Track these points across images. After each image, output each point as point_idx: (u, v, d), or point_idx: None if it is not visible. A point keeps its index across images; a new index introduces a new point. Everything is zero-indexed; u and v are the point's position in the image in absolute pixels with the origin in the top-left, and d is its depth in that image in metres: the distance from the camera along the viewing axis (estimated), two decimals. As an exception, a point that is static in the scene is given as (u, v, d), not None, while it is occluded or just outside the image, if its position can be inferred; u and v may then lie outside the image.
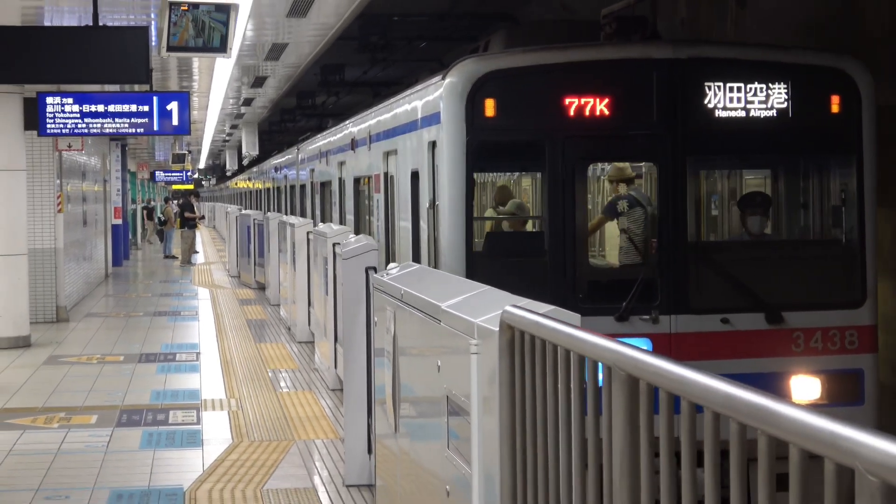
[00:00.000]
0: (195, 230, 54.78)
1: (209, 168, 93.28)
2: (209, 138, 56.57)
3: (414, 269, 9.15)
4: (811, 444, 2.86)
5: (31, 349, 23.24)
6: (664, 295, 12.00)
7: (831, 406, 11.65)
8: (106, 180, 42.74)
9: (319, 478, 12.97)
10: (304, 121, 43.24)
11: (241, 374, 20.12)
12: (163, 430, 15.51)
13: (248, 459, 13.78)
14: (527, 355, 4.77)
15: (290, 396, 17.92)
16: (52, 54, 14.23)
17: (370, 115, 19.20)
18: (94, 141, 34.19)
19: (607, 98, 11.96)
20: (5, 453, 14.10)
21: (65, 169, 29.81)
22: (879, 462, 2.55)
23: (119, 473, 13.26)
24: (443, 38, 25.32)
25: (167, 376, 20.06)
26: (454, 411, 6.03)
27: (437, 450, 6.48)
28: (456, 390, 5.95)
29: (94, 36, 13.99)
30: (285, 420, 16.09)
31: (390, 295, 8.15)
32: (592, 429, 4.21)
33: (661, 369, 3.59)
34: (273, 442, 14.71)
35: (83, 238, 34.58)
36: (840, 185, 12.84)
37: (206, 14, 12.84)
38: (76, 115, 20.41)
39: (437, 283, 7.49)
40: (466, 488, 5.70)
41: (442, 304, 6.32)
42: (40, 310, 26.50)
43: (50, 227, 27.34)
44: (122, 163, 48.79)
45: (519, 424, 4.89)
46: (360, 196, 21.45)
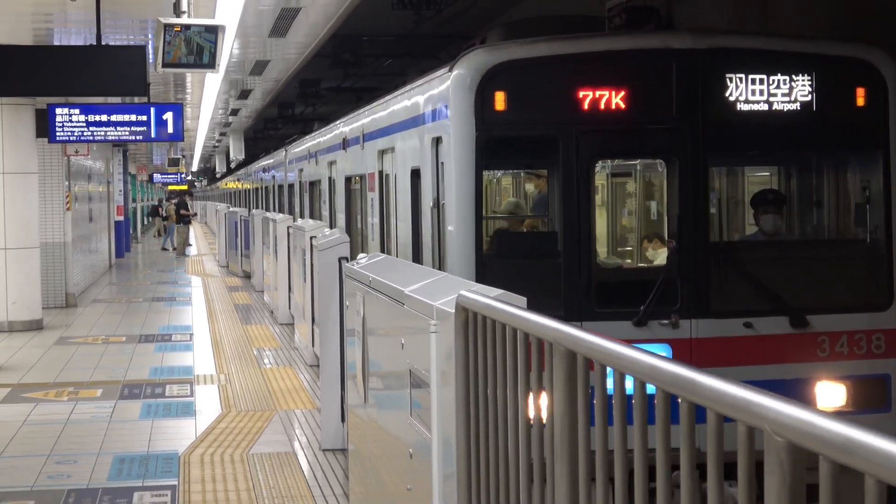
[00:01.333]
0: (189, 226, 54.83)
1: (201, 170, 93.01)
2: (201, 144, 56.44)
3: (381, 258, 9.14)
4: (726, 408, 2.88)
5: (43, 331, 23.18)
6: (684, 298, 10.16)
7: (857, 414, 9.92)
8: (109, 182, 42.53)
9: (299, 443, 12.96)
10: (285, 128, 43.18)
11: (230, 353, 20.09)
12: (160, 402, 15.49)
13: (236, 427, 13.76)
14: (479, 334, 4.77)
15: (273, 372, 17.90)
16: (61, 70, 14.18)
17: (363, 115, 16.99)
18: (98, 147, 34.02)
19: (624, 90, 10.13)
20: (21, 423, 14.08)
21: (72, 172, 29.71)
22: (784, 424, 2.58)
23: (121, 440, 13.23)
24: (407, 56, 25.28)
25: (164, 354, 20.02)
26: (416, 384, 6.02)
27: (401, 417, 6.48)
28: (417, 365, 5.95)
29: (97, 54, 13.94)
30: (268, 392, 16.08)
31: (360, 282, 8.14)
32: (536, 399, 4.21)
33: (593, 344, 3.61)
34: (258, 412, 14.70)
35: (89, 233, 34.46)
36: (866, 183, 10.87)
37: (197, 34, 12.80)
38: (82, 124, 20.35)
39: (400, 271, 7.48)
40: (427, 451, 5.71)
41: (405, 289, 6.32)
42: (51, 296, 26.43)
43: (59, 224, 27.28)
44: (123, 166, 48.68)
45: (472, 395, 4.90)
46: (351, 195, 19.14)
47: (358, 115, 17.59)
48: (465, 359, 4.96)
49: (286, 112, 39.62)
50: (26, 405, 15.26)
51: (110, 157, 41.98)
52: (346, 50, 25.72)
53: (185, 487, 11.07)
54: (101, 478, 11.53)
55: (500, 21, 18.69)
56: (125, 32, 16.92)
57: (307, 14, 16.70)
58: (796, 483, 2.62)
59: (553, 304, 9.61)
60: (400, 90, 13.87)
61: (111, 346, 21.10)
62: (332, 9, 16.24)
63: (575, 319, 9.30)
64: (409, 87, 13.10)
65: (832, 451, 2.40)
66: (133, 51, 14.14)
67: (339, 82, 29.48)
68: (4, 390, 16.06)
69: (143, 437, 13.39)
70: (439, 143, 10.92)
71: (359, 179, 17.73)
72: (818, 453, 2.47)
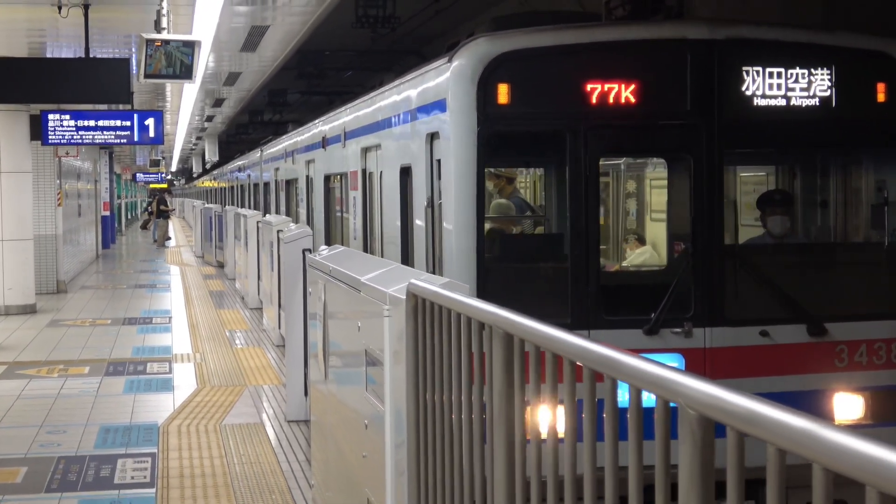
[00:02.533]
0: (168, 220, 54.71)
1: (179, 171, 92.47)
2: (179, 146, 56.15)
3: (340, 250, 9.11)
4: (644, 384, 2.89)
5: (36, 315, 23.06)
6: (698, 305, 8.49)
7: (877, 426, 8.51)
8: (97, 180, 42.37)
9: (266, 415, 12.95)
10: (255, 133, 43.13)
11: (205, 334, 20.04)
12: (142, 379, 15.45)
13: (210, 401, 13.74)
14: (427, 318, 4.78)
15: (244, 351, 17.87)
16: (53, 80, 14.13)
17: (345, 112, 15.07)
18: (86, 149, 33.89)
19: (635, 83, 8.46)
20: (15, 397, 14.02)
21: (63, 171, 29.68)
22: (696, 399, 2.59)
23: (106, 412, 13.19)
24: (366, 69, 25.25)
25: (145, 335, 19.98)
26: (371, 362, 6.02)
27: (358, 392, 6.48)
28: (372, 345, 5.95)
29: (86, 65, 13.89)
30: (239, 370, 16.05)
31: (321, 271, 8.13)
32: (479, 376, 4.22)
33: (527, 327, 3.62)
34: (229, 387, 14.68)
35: (78, 226, 34.34)
36: (885, 183, 9.26)
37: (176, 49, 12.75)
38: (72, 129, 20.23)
39: (357, 262, 7.47)
40: (380, 422, 5.71)
41: (361, 277, 6.32)
42: (44, 283, 26.31)
43: (51, 218, 27.25)
44: (109, 166, 48.46)
45: (421, 372, 4.91)
46: (331, 193, 17.13)
47: (339, 114, 15.78)
48: (415, 340, 4.97)
49: (256, 118, 39.69)
50: (21, 381, 15.20)
51: (97, 158, 41.80)
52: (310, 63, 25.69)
53: (164, 455, 11.04)
54: (88, 446, 11.49)
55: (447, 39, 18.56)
56: (111, 46, 16.83)
57: (275, 31, 16.65)
58: (706, 450, 2.64)
59: (559, 308, 8.36)
60: (387, 86, 12.07)
61: (98, 328, 21.03)
62: (296, 27, 16.20)
63: (583, 328, 8.08)
64: (398, 83, 11.29)
65: (737, 421, 2.42)
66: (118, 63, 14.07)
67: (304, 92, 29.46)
68: (1, 368, 15.97)
69: (126, 409, 13.35)
70: (434, 138, 9.28)
71: (339, 178, 16.01)
72: (725, 424, 2.48)
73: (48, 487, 9.99)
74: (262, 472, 10.37)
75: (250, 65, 21.50)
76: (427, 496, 4.87)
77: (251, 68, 22.24)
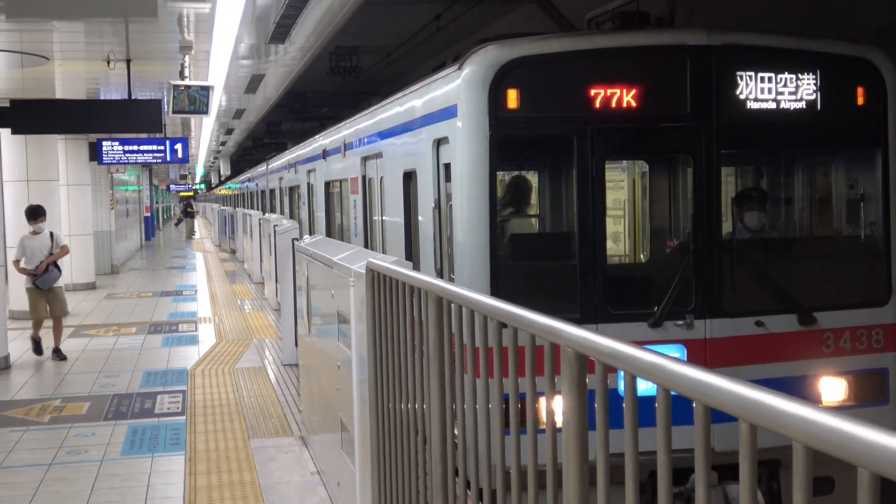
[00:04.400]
0: (194, 219, 54.61)
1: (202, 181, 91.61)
2: (201, 164, 55.65)
3: (318, 239, 9.06)
4: (534, 331, 2.84)
5: (96, 290, 22.92)
6: (699, 298, 7.06)
7: (858, 407, 7.28)
8: (140, 189, 42.09)
9: (267, 360, 12.90)
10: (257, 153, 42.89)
11: (221, 302, 19.94)
12: (175, 335, 15.37)
13: (225, 351, 13.68)
14: (381, 287, 4.76)
15: (251, 314, 17.79)
16: (105, 116, 13.98)
17: (344, 127, 13.23)
18: (131, 166, 33.71)
19: (640, 87, 6.97)
20: (81, 351, 13.92)
21: (114, 183, 29.55)
22: (574, 340, 2.58)
23: (149, 361, 13.13)
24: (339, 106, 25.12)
25: (177, 304, 19.90)
26: (342, 320, 6.00)
27: (333, 342, 6.46)
28: (342, 308, 5.93)
29: (129, 105, 13.74)
30: (247, 328, 15.98)
31: (305, 254, 8.10)
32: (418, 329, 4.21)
33: (451, 292, 3.61)
34: (240, 341, 14.61)
35: (126, 224, 34.26)
36: (864, 180, 7.83)
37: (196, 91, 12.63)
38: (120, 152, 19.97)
39: (330, 247, 7.43)
40: (349, 364, 5.70)
41: (334, 258, 6.30)
42: (101, 266, 26.16)
43: (106, 218, 27.24)
44: (149, 179, 48.24)
45: (377, 327, 4.89)
46: (330, 197, 15.09)
47: (339, 128, 13.91)
48: (373, 303, 4.95)
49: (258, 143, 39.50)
50: (85, 339, 15.09)
51: (140, 173, 41.51)
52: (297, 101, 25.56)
53: (192, 391, 10.99)
54: (135, 386, 11.43)
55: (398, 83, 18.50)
56: (147, 90, 16.65)
57: (269, 78, 16.53)
58: (580, 382, 2.59)
59: (568, 304, 6.97)
60: (387, 100, 10.22)
61: (142, 299, 20.90)
62: (286, 75, 16.08)
63: (591, 322, 6.80)
64: (399, 95, 9.48)
65: (602, 356, 2.41)
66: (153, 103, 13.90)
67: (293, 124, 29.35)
68: (70, 329, 15.81)
69: (163, 358, 13.28)
70: (441, 144, 7.66)
71: (338, 184, 14.01)
72: (595, 359, 2.45)
73: (105, 417, 9.91)
74: (265, 402, 10.32)
75: (252, 103, 21.33)
76: (381, 417, 4.87)
77: (253, 106, 22.07)
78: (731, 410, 1.77)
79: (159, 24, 10.88)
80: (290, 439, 8.76)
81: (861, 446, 1.35)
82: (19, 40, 11.87)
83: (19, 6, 9.90)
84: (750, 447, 1.77)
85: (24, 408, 10.43)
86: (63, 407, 10.42)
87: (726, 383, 1.79)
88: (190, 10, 10.22)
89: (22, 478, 7.82)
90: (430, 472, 3.97)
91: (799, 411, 1.53)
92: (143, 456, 8.39)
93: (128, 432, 9.23)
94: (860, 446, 1.36)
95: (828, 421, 1.45)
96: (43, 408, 10.40)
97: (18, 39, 11.83)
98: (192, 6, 10.03)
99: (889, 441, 1.30)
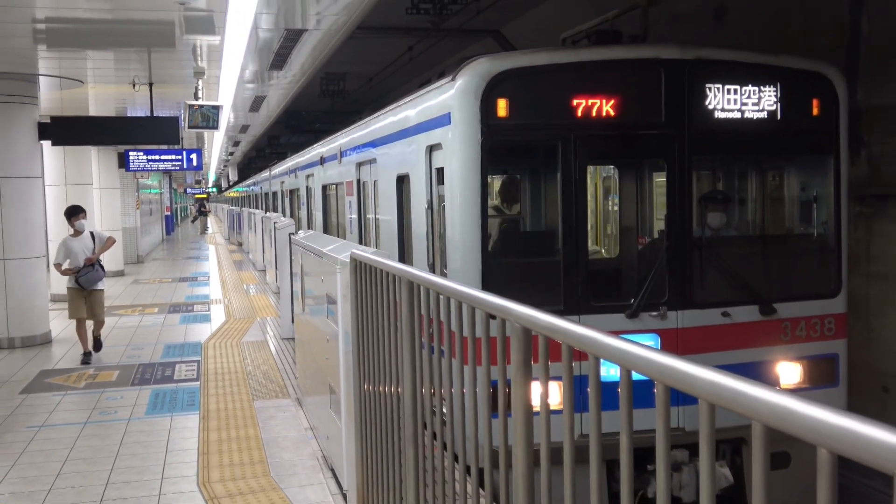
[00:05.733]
0: (207, 217, 54.19)
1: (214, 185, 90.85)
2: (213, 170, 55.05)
3: (311, 233, 9.00)
4: (489, 309, 2.78)
5: (124, 276, 22.73)
6: (671, 291, 6.65)
7: (811, 389, 6.96)
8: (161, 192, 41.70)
9: (268, 335, 12.84)
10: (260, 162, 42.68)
11: (230, 286, 19.81)
12: (191, 314, 15.26)
13: (234, 328, 13.60)
14: (363, 274, 4.76)
15: (255, 297, 17.70)
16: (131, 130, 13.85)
17: (339, 137, 12.66)
18: (154, 173, 33.39)
19: (619, 97, 6.56)
20: (111, 328, 13.77)
21: (140, 186, 29.26)
22: (520, 317, 2.51)
23: (169, 335, 13.02)
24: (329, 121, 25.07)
25: (193, 288, 19.74)
26: (330, 301, 5.98)
27: (323, 319, 6.44)
28: (331, 292, 5.91)
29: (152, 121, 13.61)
30: (252, 308, 15.90)
31: (300, 246, 8.06)
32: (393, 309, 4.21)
33: (420, 277, 3.60)
34: (246, 319, 14.53)
35: (150, 221, 34.04)
36: (820, 183, 7.37)
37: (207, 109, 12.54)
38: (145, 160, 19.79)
39: (320, 240, 7.39)
40: (336, 338, 5.68)
41: (323, 249, 6.28)
42: (129, 256, 25.95)
43: (133, 216, 27.02)
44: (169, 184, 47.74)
45: (360, 307, 4.88)
46: (327, 199, 14.45)
47: (334, 138, 13.34)
48: (356, 287, 4.94)
49: (261, 153, 39.32)
50: (115, 318, 14.94)
51: (161, 178, 41.14)
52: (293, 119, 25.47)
53: (206, 361, 10.92)
54: (157, 357, 11.34)
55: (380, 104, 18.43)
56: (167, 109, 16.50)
57: (269, 99, 16.42)
58: (526, 352, 2.54)
59: (552, 298, 6.53)
60: (379, 112, 9.63)
61: (163, 284, 20.72)
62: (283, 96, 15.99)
63: (573, 313, 6.40)
64: (392, 107, 8.88)
65: (542, 329, 2.37)
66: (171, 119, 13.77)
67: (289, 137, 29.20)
68: (102, 310, 15.67)
69: (181, 333, 13.19)
70: (434, 150, 7.16)
71: (334, 187, 13.34)
72: (536, 333, 2.39)
73: (132, 382, 9.83)
74: (266, 370, 10.29)
75: (255, 120, 21.18)
76: (363, 381, 4.88)
77: (256, 122, 21.92)
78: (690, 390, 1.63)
79: (177, 53, 10.79)
80: (287, 401, 8.75)
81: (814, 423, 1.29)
82: (58, 66, 11.75)
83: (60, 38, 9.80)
84: (709, 425, 1.64)
85: (63, 375, 10.33)
86: (96, 375, 10.33)
87: (687, 366, 1.65)
88: (203, 41, 10.15)
89: (62, 434, 7.76)
90: (403, 427, 3.98)
91: (756, 393, 1.43)
92: (164, 415, 8.34)
93: (151, 396, 9.17)
94: (811, 422, 1.29)
95: (779, 401, 1.38)
96: (79, 376, 10.31)
97: (58, 66, 11.71)
98: (204, 38, 9.96)
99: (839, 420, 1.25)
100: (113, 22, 8.99)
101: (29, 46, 10.28)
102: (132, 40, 9.96)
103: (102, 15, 8.71)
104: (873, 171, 8.72)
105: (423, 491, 3.73)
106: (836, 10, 9.02)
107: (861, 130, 8.71)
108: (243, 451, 7.06)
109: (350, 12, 8.57)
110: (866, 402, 8.77)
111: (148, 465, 6.76)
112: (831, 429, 1.24)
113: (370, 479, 4.79)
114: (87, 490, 6.18)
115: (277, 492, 6.04)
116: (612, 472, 6.32)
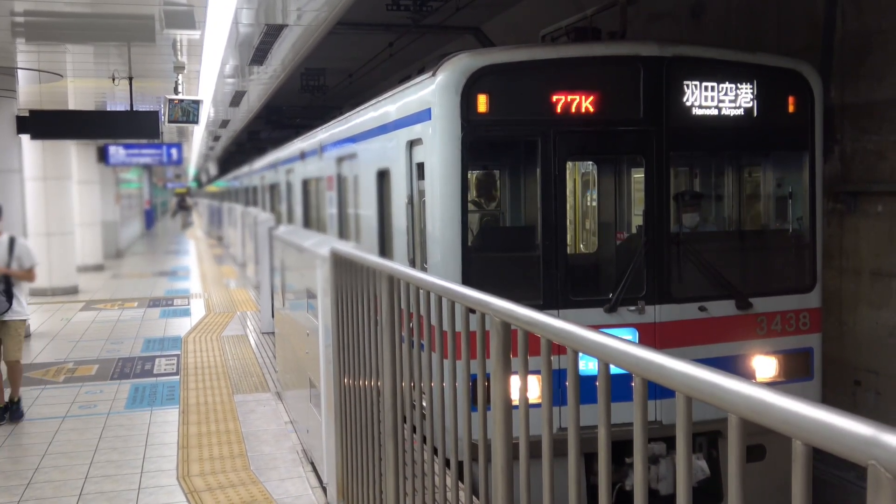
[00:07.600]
0: (191, 211, 54.10)
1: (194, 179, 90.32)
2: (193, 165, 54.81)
3: (290, 228, 8.99)
4: (456, 298, 2.76)
5: (103, 271, 22.56)
6: (649, 286, 6.64)
7: (786, 383, 6.92)
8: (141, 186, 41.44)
9: (249, 329, 12.80)
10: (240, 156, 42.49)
11: (210, 280, 19.72)
12: (171, 308, 15.17)
13: (213, 322, 13.54)
14: (342, 268, 4.75)
15: (235, 291, 17.62)
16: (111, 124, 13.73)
17: (320, 132, 12.43)
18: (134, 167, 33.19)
19: (598, 94, 6.50)
20: (90, 322, 13.68)
21: (120, 180, 29.04)
22: (497, 310, 2.51)
23: (148, 330, 12.94)
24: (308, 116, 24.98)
25: (173, 282, 19.62)
26: (310, 295, 5.97)
27: (303, 314, 6.43)
28: (311, 285, 5.89)
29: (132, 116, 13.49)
30: (232, 302, 15.83)
31: (280, 241, 8.04)
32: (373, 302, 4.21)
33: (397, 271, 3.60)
34: (226, 313, 14.46)
35: (130, 215, 33.86)
36: (796, 180, 7.32)
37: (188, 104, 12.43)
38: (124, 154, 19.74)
39: (300, 235, 7.38)
40: (316, 332, 5.67)
41: (303, 243, 6.26)
42: (108, 251, 25.75)
43: (112, 210, 26.76)
44: (149, 178, 47.37)
45: (340, 301, 4.88)
46: (307, 194, 14.23)
47: (314, 133, 13.13)
48: (336, 281, 4.94)
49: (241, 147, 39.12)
50: (94, 312, 14.83)
51: (141, 172, 40.86)
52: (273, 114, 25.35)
53: (185, 355, 10.87)
54: (136, 351, 11.27)
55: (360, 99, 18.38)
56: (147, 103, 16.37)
57: (250, 94, 16.33)
58: (505, 346, 2.52)
59: (532, 292, 6.48)
60: (359, 108, 9.45)
61: (143, 278, 20.60)
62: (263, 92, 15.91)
63: (552, 307, 6.37)
64: (373, 102, 8.73)
65: (521, 323, 2.36)
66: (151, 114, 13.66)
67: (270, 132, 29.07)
68: (80, 303, 15.56)
69: (161, 327, 13.11)
70: (415, 145, 7.04)
71: (314, 182, 13.23)
72: (515, 327, 2.38)
73: (111, 377, 9.77)
74: (246, 364, 10.25)
75: (235, 115, 21.06)
76: (343, 375, 4.87)
77: (236, 117, 21.79)
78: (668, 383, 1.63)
79: (157, 48, 10.71)
80: (267, 395, 8.72)
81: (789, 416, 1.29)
82: (37, 60, 11.64)
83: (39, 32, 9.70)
84: (685, 418, 1.64)
85: (42, 370, 10.25)
86: (76, 369, 10.25)
87: (664, 359, 1.65)
88: (183, 36, 10.08)
89: (41, 428, 7.69)
90: (383, 420, 3.98)
91: (732, 386, 1.43)
92: (143, 409, 8.29)
93: (131, 389, 9.11)
94: (786, 415, 1.29)
95: (755, 394, 1.37)
96: (58, 370, 10.22)
97: (37, 59, 11.60)
98: (184, 33, 9.89)
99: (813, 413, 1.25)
100: (92, 16, 8.91)
101: (7, 40, 10.17)
102: (112, 34, 9.88)
103: (82, 9, 8.63)
104: (846, 168, 8.83)
105: (403, 484, 3.73)
106: (810, 8, 9.13)
107: (834, 128, 8.81)
108: (223, 444, 7.03)
109: (330, 8, 8.54)
110: (839, 396, 8.88)
111: (127, 458, 6.72)
112: (806, 421, 1.25)
113: (350, 472, 4.79)
114: (66, 484, 6.14)
115: (257, 485, 6.02)
116: (591, 465, 6.36)
